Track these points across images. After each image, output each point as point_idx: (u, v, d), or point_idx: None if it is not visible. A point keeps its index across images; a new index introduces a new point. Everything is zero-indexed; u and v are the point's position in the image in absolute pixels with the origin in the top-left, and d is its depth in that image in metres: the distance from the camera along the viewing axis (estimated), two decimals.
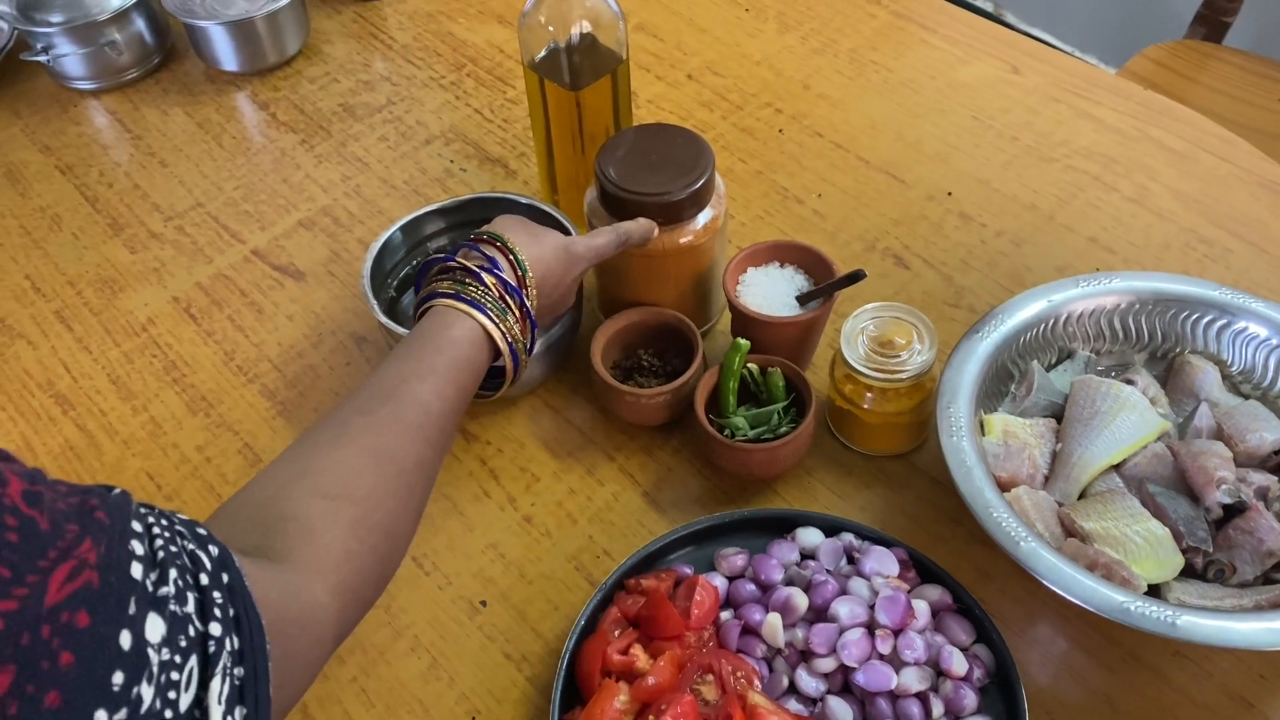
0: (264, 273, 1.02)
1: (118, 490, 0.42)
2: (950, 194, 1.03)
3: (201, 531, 0.45)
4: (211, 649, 0.41)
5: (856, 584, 0.73)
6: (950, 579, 0.74)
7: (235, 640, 0.42)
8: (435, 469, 0.64)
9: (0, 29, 1.22)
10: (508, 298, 0.70)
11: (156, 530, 0.41)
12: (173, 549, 0.41)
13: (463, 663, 0.75)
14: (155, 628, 0.38)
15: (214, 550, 0.44)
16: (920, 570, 0.75)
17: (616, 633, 0.72)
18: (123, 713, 0.37)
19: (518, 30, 0.89)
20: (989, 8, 2.48)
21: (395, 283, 0.92)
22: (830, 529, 0.77)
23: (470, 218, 0.94)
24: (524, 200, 0.93)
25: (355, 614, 0.56)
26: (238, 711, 0.42)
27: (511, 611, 0.77)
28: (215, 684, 0.41)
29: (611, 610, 0.74)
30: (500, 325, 0.69)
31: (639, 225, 0.82)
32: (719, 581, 0.75)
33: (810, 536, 0.77)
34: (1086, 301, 0.83)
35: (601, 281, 0.92)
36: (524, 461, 0.86)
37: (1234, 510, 0.73)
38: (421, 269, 0.75)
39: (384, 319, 0.83)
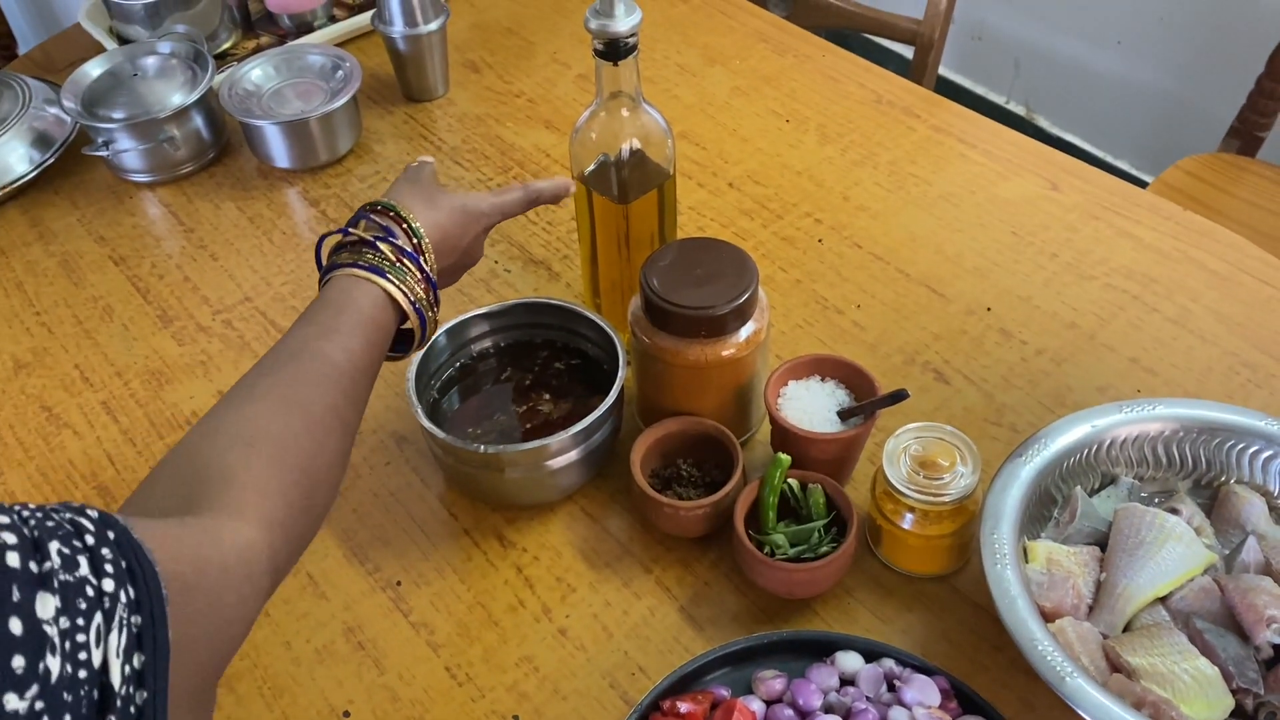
0: None
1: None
2: (990, 309, 1.04)
3: (75, 504, 0.45)
4: (107, 605, 0.41)
5: (897, 714, 0.71)
6: (993, 711, 0.72)
7: (130, 590, 0.43)
8: (351, 420, 0.65)
9: (63, 122, 1.26)
10: (405, 261, 0.71)
11: (26, 514, 0.41)
12: (49, 524, 0.41)
13: None
14: (46, 605, 0.39)
15: (93, 514, 0.44)
16: (962, 700, 0.73)
17: None
18: (33, 689, 0.37)
19: (569, 144, 0.91)
20: (1021, 112, 2.51)
21: (438, 384, 0.93)
22: (870, 654, 0.76)
23: (516, 321, 0.96)
24: (570, 306, 0.94)
25: (287, 549, 0.57)
26: (135, 659, 0.42)
27: None
28: (113, 637, 0.41)
29: None
30: (401, 286, 0.70)
31: (553, 184, 0.85)
32: (756, 706, 0.73)
33: (850, 661, 0.76)
34: (1130, 427, 0.83)
35: (641, 389, 0.92)
36: (560, 571, 0.86)
37: None
38: (317, 246, 0.76)
39: (427, 423, 0.84)
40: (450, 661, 0.80)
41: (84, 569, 0.41)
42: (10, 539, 0.39)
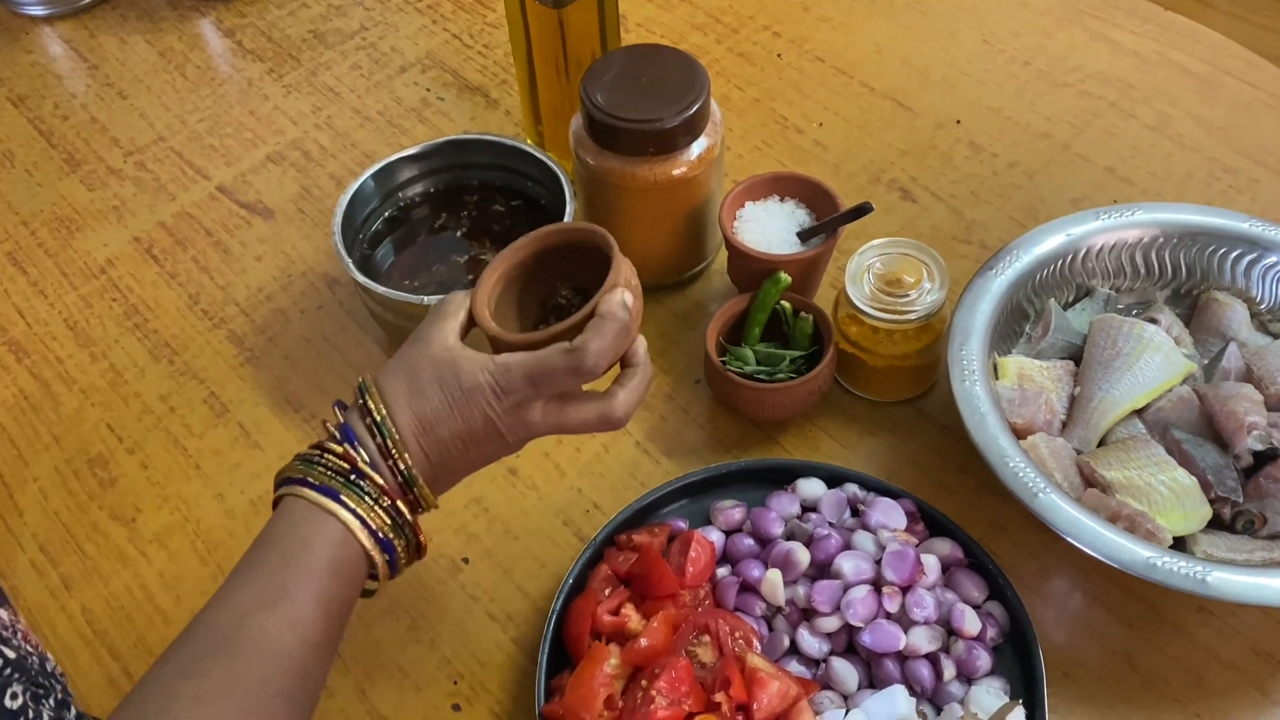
0: (230, 211, 0.96)
1: None
2: (959, 122, 0.97)
3: None
4: None
5: (861, 538, 0.68)
6: (961, 532, 0.69)
7: None
8: (310, 695, 0.51)
9: None
10: (368, 473, 0.53)
11: None
12: None
13: (444, 624, 0.71)
14: None
15: None
16: (929, 523, 0.70)
17: (607, 591, 0.68)
18: None
19: None
20: None
21: (367, 237, 0.85)
22: (833, 479, 0.73)
23: (446, 163, 0.87)
24: (507, 141, 0.86)
25: None
26: None
27: (496, 569, 0.73)
28: None
29: (601, 568, 0.69)
30: (361, 513, 0.52)
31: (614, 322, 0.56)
32: (715, 536, 0.70)
33: (812, 488, 0.72)
34: (1107, 235, 0.78)
35: (588, 219, 0.86)
36: None
37: (1265, 458, 0.69)
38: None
39: (361, 277, 0.76)
40: None
41: None
42: None
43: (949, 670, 0.63)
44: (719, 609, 0.67)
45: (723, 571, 0.69)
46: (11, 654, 0.45)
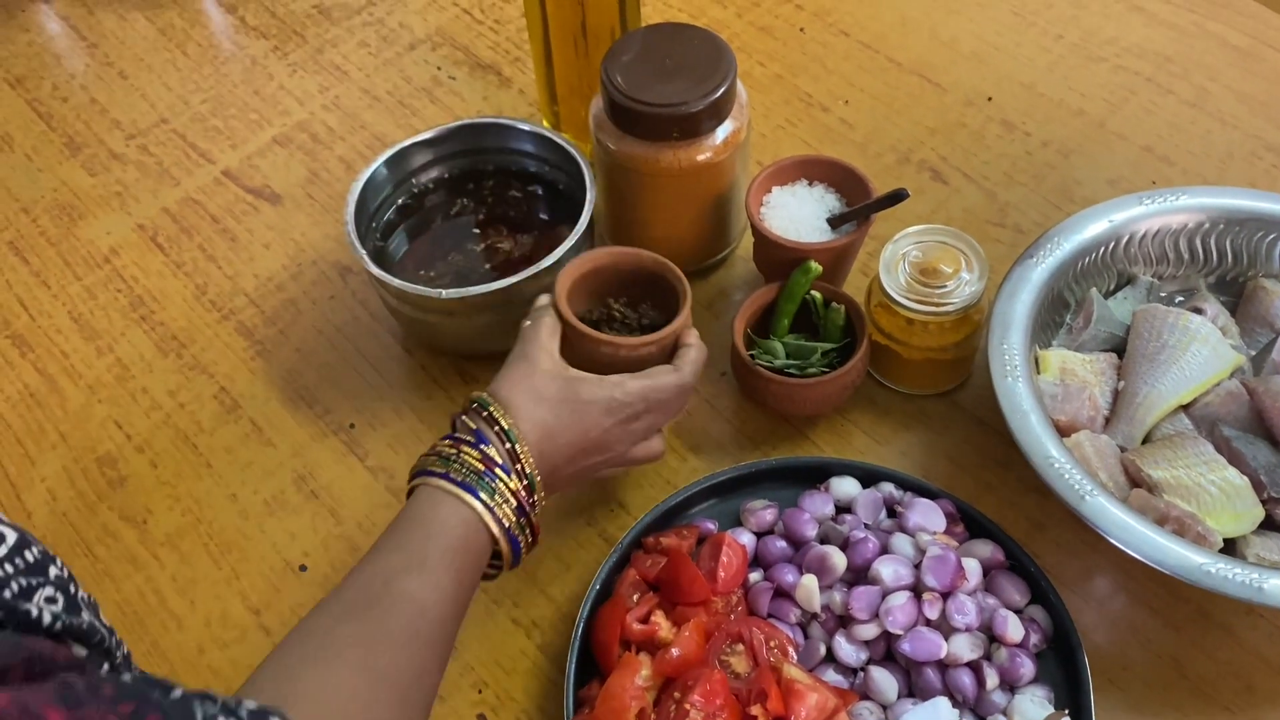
0: (237, 196, 0.93)
1: (177, 693, 0.37)
2: (990, 99, 0.94)
3: None
4: None
5: (899, 541, 0.66)
6: (1002, 533, 0.67)
7: None
8: (437, 677, 0.56)
9: None
10: (500, 474, 0.59)
11: None
12: None
13: (467, 629, 0.69)
14: None
15: None
16: (968, 524, 0.68)
17: (635, 597, 0.66)
18: None
19: None
20: None
21: (380, 226, 0.82)
22: (868, 478, 0.70)
23: (462, 147, 0.84)
24: (523, 126, 0.82)
25: None
26: None
27: (519, 572, 0.70)
28: None
29: (629, 572, 0.67)
30: (490, 505, 0.58)
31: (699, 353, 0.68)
32: (746, 539, 0.68)
33: (846, 487, 0.70)
34: (1151, 221, 0.75)
35: (609, 206, 0.83)
36: None
37: None
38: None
39: (374, 269, 0.73)
40: None
41: None
42: None
43: (992, 679, 0.61)
44: (752, 616, 0.65)
45: (755, 576, 0.67)
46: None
